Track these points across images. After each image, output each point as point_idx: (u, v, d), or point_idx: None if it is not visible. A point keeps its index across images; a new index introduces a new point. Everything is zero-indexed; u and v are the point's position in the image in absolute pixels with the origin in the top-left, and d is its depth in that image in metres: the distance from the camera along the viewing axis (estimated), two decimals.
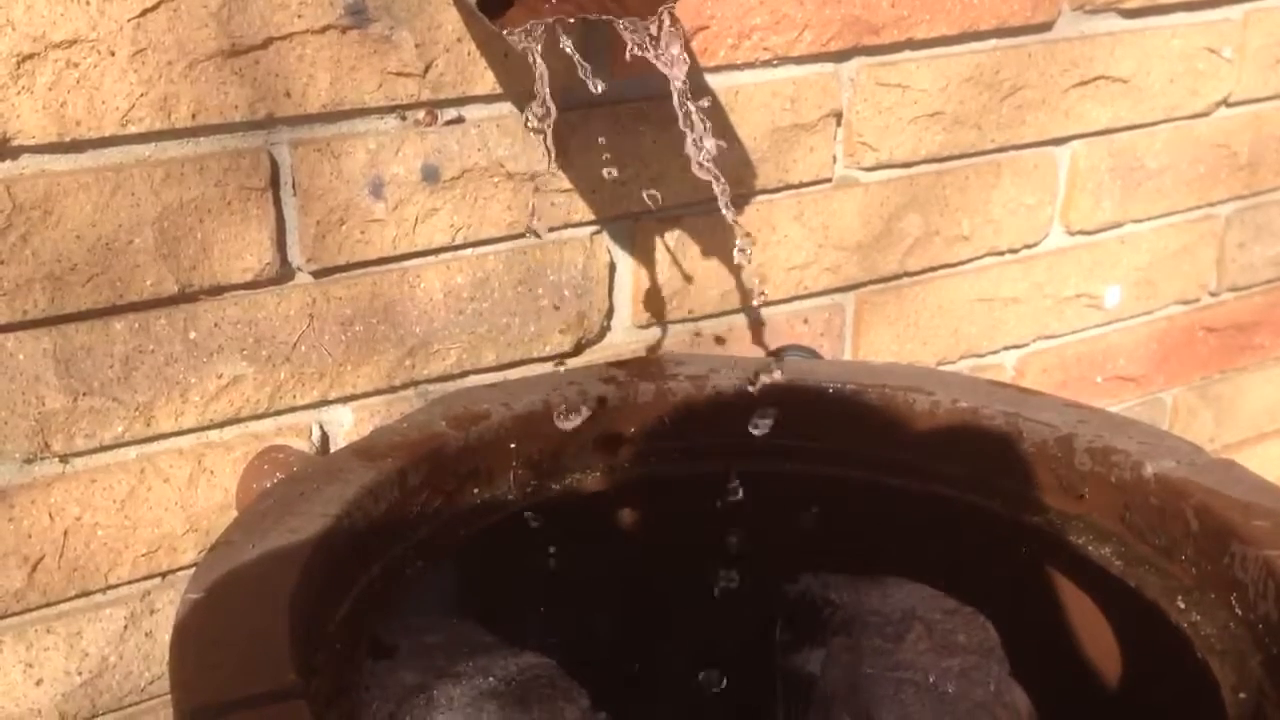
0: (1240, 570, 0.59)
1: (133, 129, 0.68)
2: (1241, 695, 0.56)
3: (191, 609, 0.52)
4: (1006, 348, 1.06)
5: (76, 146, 0.67)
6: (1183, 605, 0.62)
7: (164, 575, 0.76)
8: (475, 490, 0.68)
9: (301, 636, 0.53)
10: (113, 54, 0.66)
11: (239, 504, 0.70)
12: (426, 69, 0.75)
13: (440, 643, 0.63)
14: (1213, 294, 1.17)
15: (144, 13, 0.66)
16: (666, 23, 0.67)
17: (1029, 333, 1.07)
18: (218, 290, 0.73)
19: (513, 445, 0.70)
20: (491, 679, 0.60)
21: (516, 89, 0.77)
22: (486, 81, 0.77)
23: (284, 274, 0.74)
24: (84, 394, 0.71)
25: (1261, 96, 1.11)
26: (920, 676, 0.64)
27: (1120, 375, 1.14)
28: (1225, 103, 1.09)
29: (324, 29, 0.71)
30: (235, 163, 0.71)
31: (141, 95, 0.67)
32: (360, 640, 0.58)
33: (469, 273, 0.80)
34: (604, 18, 0.69)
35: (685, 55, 0.69)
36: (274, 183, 0.72)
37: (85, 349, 0.70)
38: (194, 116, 0.69)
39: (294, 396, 0.77)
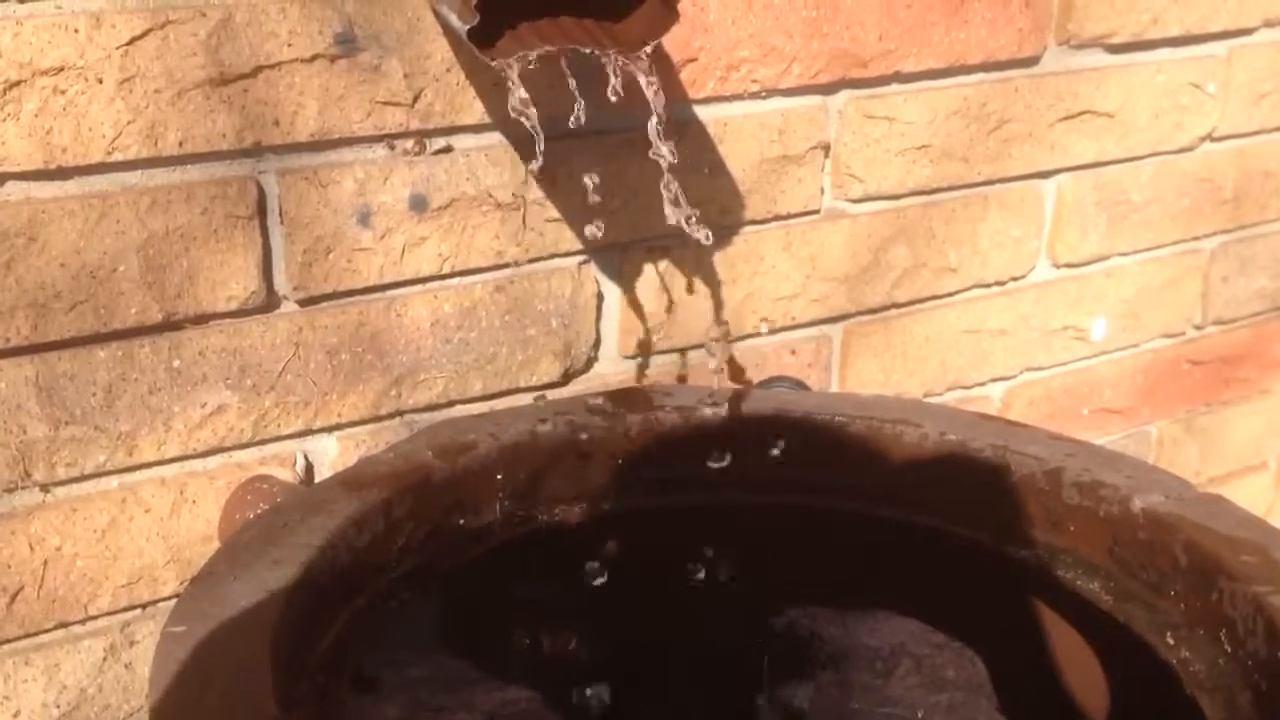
0: (1229, 606, 0.59)
1: (119, 156, 0.67)
2: None
3: (173, 641, 0.52)
4: (993, 379, 1.06)
5: (62, 174, 0.67)
6: (1171, 641, 0.61)
7: (144, 606, 0.75)
8: (461, 521, 0.68)
9: (284, 670, 0.53)
10: (100, 82, 0.66)
11: (222, 535, 0.70)
12: (415, 98, 0.74)
13: (424, 676, 0.62)
14: (1198, 327, 1.17)
15: (132, 41, 0.66)
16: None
17: (1015, 365, 1.07)
18: (203, 318, 0.72)
19: (499, 476, 0.69)
20: (476, 714, 0.59)
21: (506, 119, 0.77)
22: (475, 111, 0.77)
23: (270, 302, 0.74)
24: (66, 422, 0.70)
25: (1246, 131, 1.12)
26: (909, 712, 0.64)
27: (1106, 408, 1.14)
28: (1210, 138, 1.10)
29: (313, 58, 0.71)
30: (222, 191, 0.71)
31: (129, 123, 0.67)
32: (343, 673, 0.58)
33: (456, 302, 0.80)
34: (592, 50, 0.69)
35: (660, 91, 0.69)
36: (261, 211, 0.72)
37: (68, 377, 0.69)
38: (181, 145, 0.69)
39: (278, 426, 0.76)
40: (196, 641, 0.52)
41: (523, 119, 0.70)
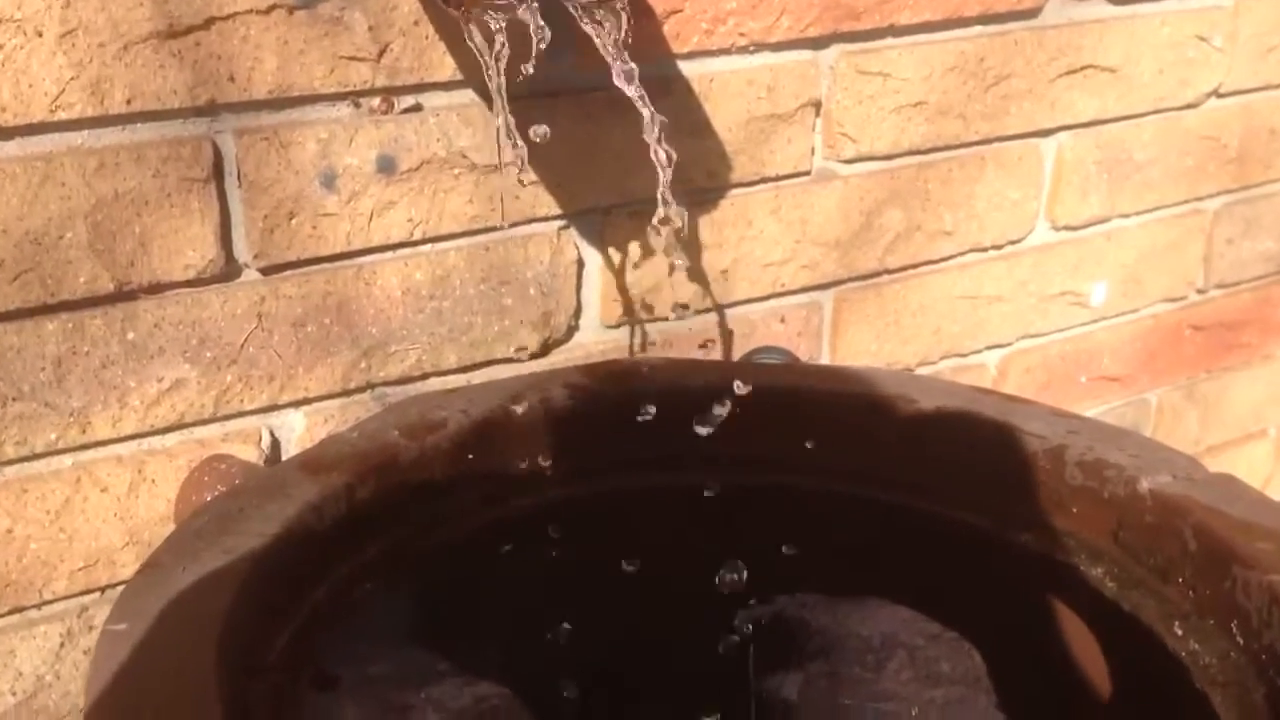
0: (1242, 595, 0.56)
1: (63, 115, 0.63)
2: None
3: (111, 641, 0.48)
4: (989, 347, 1.03)
5: (2, 134, 0.63)
6: (1180, 631, 0.58)
7: (103, 590, 0.72)
8: (430, 505, 0.64)
9: (235, 668, 0.49)
10: (40, 35, 0.62)
11: (178, 518, 0.66)
12: (381, 53, 0.70)
13: (389, 672, 0.59)
14: (1200, 291, 1.14)
15: None
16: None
17: (1012, 332, 1.04)
18: (158, 288, 0.69)
19: (471, 456, 0.66)
20: (445, 713, 0.56)
21: (479, 76, 0.73)
22: (446, 67, 0.73)
23: (229, 271, 0.70)
24: (13, 399, 0.66)
25: (1252, 87, 1.08)
26: (902, 708, 0.61)
27: (1105, 375, 1.11)
28: (1215, 93, 1.06)
29: (269, 9, 0.67)
30: (175, 152, 0.67)
31: (72, 79, 0.63)
32: (302, 671, 0.55)
33: (428, 270, 0.76)
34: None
35: (624, 48, 0.65)
36: (218, 173, 0.68)
37: (14, 350, 0.66)
38: (129, 102, 0.65)
39: (241, 401, 0.73)
40: (137, 641, 0.48)
41: (488, 76, 0.66)
